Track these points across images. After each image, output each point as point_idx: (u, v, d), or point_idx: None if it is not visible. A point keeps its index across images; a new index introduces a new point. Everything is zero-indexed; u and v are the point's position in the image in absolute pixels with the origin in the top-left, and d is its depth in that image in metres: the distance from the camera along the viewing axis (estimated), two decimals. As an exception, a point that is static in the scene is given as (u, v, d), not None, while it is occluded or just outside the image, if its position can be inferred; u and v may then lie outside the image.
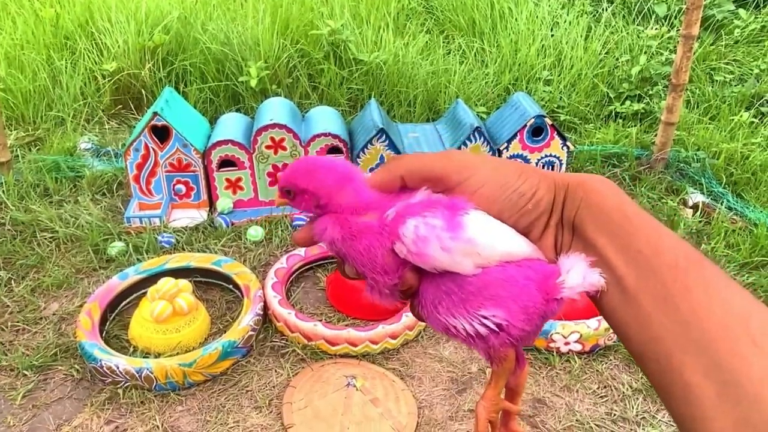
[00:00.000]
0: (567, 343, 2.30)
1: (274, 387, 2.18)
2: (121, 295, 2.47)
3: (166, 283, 2.33)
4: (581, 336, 2.29)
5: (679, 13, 4.41)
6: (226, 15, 4.17)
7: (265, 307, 2.41)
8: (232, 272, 2.54)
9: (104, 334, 2.32)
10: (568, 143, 3.14)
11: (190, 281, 2.42)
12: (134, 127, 3.32)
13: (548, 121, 3.07)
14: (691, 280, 0.44)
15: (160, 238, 2.79)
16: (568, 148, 3.15)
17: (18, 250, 2.74)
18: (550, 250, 0.51)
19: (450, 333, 0.52)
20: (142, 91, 3.87)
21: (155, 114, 2.83)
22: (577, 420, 2.10)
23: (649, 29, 4.33)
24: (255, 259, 2.77)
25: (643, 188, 3.31)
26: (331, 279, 2.64)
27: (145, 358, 2.21)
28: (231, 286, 2.58)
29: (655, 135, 3.50)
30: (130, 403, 2.10)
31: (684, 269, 0.45)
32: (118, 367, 2.10)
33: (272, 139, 2.94)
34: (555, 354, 2.32)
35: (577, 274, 0.48)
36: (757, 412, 0.38)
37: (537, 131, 3.08)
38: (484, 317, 0.49)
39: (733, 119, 3.69)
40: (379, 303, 0.54)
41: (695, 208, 3.14)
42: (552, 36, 4.27)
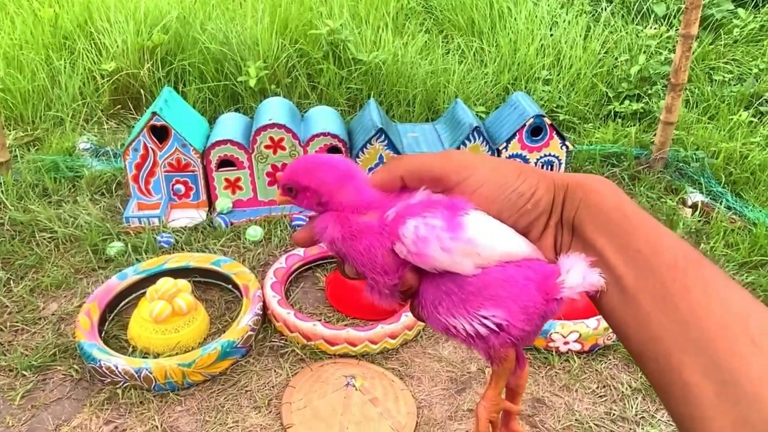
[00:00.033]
0: (566, 343, 2.30)
1: (273, 387, 2.18)
2: (120, 295, 2.46)
3: (165, 283, 2.33)
4: (580, 335, 2.29)
5: (678, 13, 4.41)
6: (225, 15, 4.16)
7: (265, 307, 2.41)
8: (231, 272, 2.54)
9: (103, 335, 2.32)
10: (567, 143, 3.14)
11: (189, 281, 2.42)
12: (133, 127, 3.32)
13: (547, 121, 3.07)
14: (690, 280, 0.44)
15: (159, 238, 2.79)
16: (567, 147, 3.15)
17: (17, 250, 2.74)
18: (550, 250, 0.52)
19: (450, 333, 0.52)
20: (141, 91, 3.87)
21: (154, 114, 2.83)
22: (576, 419, 2.10)
23: (648, 29, 4.33)
24: (254, 259, 2.77)
25: (642, 188, 3.31)
26: (331, 279, 2.64)
27: (144, 358, 2.21)
28: (230, 286, 2.58)
29: (654, 134, 3.50)
30: (129, 404, 2.09)
31: (683, 269, 0.45)
32: (117, 368, 2.10)
33: (271, 139, 2.94)
34: (554, 353, 2.32)
35: (577, 274, 0.48)
36: (756, 412, 0.39)
37: (536, 131, 3.08)
38: (484, 317, 0.49)
39: (732, 119, 3.70)
40: (379, 303, 0.54)
41: (694, 207, 3.14)
42: (551, 36, 4.27)
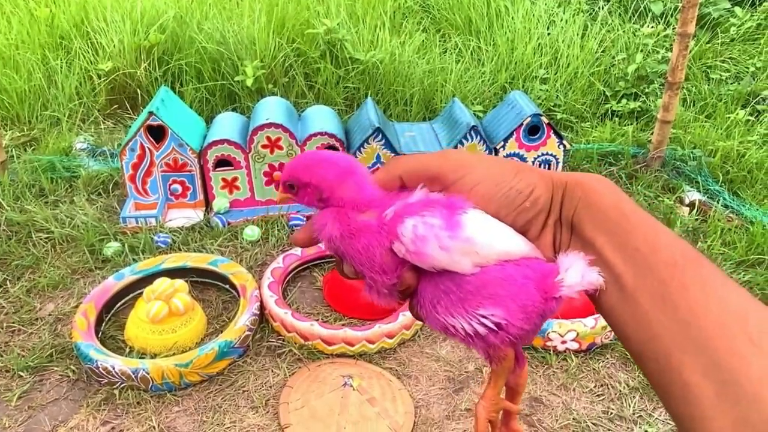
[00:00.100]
0: (564, 342, 2.30)
1: (270, 387, 2.18)
2: (117, 295, 2.46)
3: (162, 284, 2.32)
4: (578, 334, 2.29)
5: (675, 12, 4.41)
6: (222, 14, 4.16)
7: (262, 307, 2.41)
8: (229, 272, 2.53)
9: (100, 335, 2.31)
10: (565, 142, 3.14)
11: (186, 281, 2.42)
12: (130, 127, 3.31)
13: (545, 120, 3.07)
14: (689, 278, 0.44)
15: (156, 238, 2.79)
16: (565, 146, 3.15)
17: (13, 250, 2.73)
18: (549, 249, 0.51)
19: (449, 332, 0.51)
20: (138, 91, 3.86)
21: (151, 114, 2.82)
22: (573, 418, 2.10)
23: (646, 27, 4.33)
24: (251, 258, 2.77)
25: (639, 186, 3.31)
26: (328, 278, 2.63)
27: (141, 358, 2.21)
28: (227, 286, 2.57)
29: (652, 133, 3.51)
30: (127, 404, 2.09)
31: (681, 267, 0.45)
32: (114, 368, 2.09)
33: (268, 138, 2.93)
34: (552, 352, 2.32)
35: (576, 273, 0.48)
36: (756, 412, 0.38)
37: (533, 130, 3.08)
38: (483, 316, 0.49)
39: (729, 117, 3.70)
40: (378, 303, 0.54)
41: (691, 206, 3.14)
42: (548, 34, 4.27)
